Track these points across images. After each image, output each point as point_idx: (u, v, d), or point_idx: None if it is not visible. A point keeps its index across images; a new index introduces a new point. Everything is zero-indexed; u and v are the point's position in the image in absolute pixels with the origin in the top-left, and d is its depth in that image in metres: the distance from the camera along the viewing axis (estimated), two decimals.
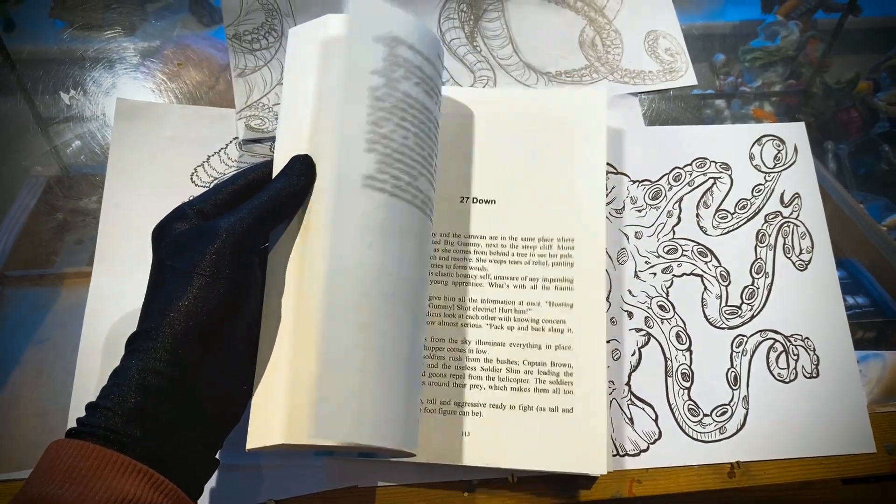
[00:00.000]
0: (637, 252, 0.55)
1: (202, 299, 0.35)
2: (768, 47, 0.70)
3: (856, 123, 0.66)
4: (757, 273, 0.55)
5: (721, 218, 0.56)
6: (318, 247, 0.39)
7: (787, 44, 0.70)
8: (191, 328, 0.35)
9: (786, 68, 0.67)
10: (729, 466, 0.49)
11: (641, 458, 0.48)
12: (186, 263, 0.36)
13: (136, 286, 0.49)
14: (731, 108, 0.66)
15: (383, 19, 0.41)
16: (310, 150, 0.41)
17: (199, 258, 0.36)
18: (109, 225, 0.53)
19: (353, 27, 0.40)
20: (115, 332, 0.49)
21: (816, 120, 0.66)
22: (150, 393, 0.33)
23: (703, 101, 0.65)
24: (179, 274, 0.36)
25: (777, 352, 0.52)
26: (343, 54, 0.40)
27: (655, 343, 0.52)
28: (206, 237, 0.36)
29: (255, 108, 0.58)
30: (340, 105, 0.39)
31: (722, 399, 0.50)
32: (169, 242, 0.38)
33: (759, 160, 0.59)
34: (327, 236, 0.38)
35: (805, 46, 0.71)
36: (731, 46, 0.68)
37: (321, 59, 0.43)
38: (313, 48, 0.44)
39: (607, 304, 0.52)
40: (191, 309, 0.35)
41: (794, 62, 0.68)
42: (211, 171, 0.56)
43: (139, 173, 0.55)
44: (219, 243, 0.36)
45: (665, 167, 0.58)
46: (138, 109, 0.57)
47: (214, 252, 0.36)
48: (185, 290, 0.35)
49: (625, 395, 0.51)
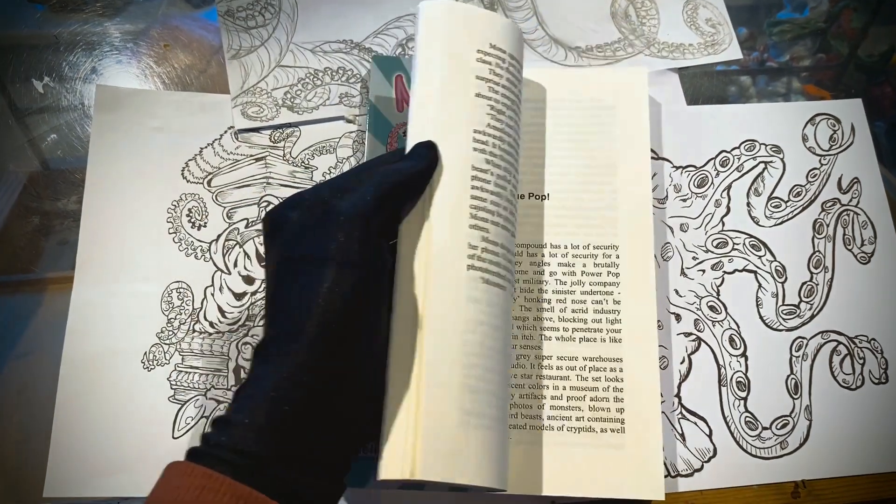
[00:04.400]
0: (683, 247, 0.51)
1: (340, 291, 0.32)
2: (796, 19, 0.66)
3: (889, 99, 0.62)
4: (815, 268, 0.51)
5: (774, 207, 0.52)
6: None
7: (816, 15, 0.65)
8: (332, 326, 0.31)
9: (815, 41, 0.63)
10: (793, 486, 0.46)
11: (695, 478, 0.45)
12: (317, 250, 0.32)
13: (122, 296, 0.47)
14: (756, 84, 0.62)
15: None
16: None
17: (330, 244, 0.32)
18: (91, 228, 0.49)
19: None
20: (100, 347, 0.46)
21: (848, 96, 0.61)
22: (287, 407, 0.30)
23: (728, 77, 0.60)
24: (310, 264, 0.32)
25: (841, 355, 0.49)
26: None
27: (707, 349, 0.48)
28: (331, 220, 0.33)
29: (251, 93, 0.53)
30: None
31: (782, 410, 0.47)
32: (290, 231, 0.34)
33: (812, 142, 0.54)
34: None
35: (838, 17, 0.67)
36: (755, 19, 0.63)
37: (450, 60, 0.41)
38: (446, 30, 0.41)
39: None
40: (330, 303, 0.31)
41: (826, 34, 0.63)
42: (204, 165, 0.51)
43: (124, 169, 0.51)
44: (349, 226, 0.33)
45: (711, 151, 0.54)
46: (121, 97, 0.53)
47: (346, 235, 0.33)
48: (320, 282, 0.32)
49: (675, 409, 0.47)
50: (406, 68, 0.51)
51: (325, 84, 0.53)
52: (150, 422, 0.44)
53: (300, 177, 0.51)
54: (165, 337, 0.46)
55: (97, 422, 0.44)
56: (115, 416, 0.44)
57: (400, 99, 0.50)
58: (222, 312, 0.47)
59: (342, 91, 0.53)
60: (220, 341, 0.47)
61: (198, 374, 0.46)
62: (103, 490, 0.43)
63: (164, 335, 0.46)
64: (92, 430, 0.44)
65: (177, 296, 0.48)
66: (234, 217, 0.50)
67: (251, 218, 0.50)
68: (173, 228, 0.49)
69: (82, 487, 0.43)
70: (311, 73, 0.54)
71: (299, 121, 0.52)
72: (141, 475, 0.43)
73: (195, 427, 0.45)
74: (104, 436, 0.44)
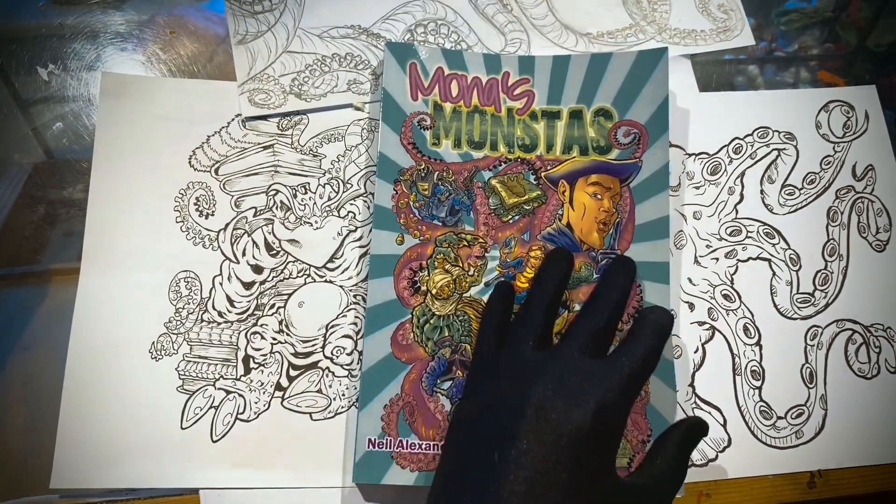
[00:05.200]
0: (696, 235, 0.50)
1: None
2: (805, 8, 0.65)
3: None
4: (830, 255, 0.50)
5: (788, 194, 0.52)
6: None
7: (825, 4, 0.64)
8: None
9: (823, 31, 0.62)
10: (808, 476, 0.45)
11: (710, 468, 0.45)
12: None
13: (128, 287, 0.46)
14: (764, 74, 0.60)
15: None
16: None
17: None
18: (98, 218, 0.48)
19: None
20: (107, 338, 0.45)
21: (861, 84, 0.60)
22: None
23: (736, 66, 0.59)
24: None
25: (856, 344, 0.48)
26: None
27: (721, 337, 0.48)
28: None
29: (258, 79, 0.52)
30: None
31: (797, 399, 0.47)
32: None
33: (826, 129, 0.54)
34: None
35: (847, 6, 0.66)
36: (764, 8, 0.62)
37: None
38: None
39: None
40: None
41: (835, 24, 0.63)
42: (212, 154, 0.50)
43: (130, 157, 0.50)
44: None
45: (723, 138, 0.53)
46: (127, 85, 0.52)
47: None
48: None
49: (688, 398, 0.46)
50: (420, 56, 0.50)
51: (332, 71, 0.52)
52: (158, 412, 0.44)
53: (308, 165, 0.50)
54: (173, 327, 0.46)
55: (104, 413, 0.44)
56: (122, 406, 0.44)
57: (415, 87, 0.49)
58: (231, 302, 0.47)
59: (350, 78, 0.52)
60: (228, 331, 0.46)
61: (206, 363, 0.45)
62: (110, 481, 0.43)
63: (171, 325, 0.46)
64: (99, 421, 0.43)
65: (185, 285, 0.47)
66: (242, 206, 0.49)
67: (259, 206, 0.49)
68: (181, 217, 0.48)
69: (89, 478, 0.42)
70: (319, 60, 0.53)
71: (307, 108, 0.51)
72: (148, 466, 0.43)
73: (203, 417, 0.44)
74: (111, 427, 0.43)
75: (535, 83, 0.50)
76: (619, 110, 0.49)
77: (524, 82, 0.50)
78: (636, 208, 0.47)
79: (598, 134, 0.49)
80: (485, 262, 0.46)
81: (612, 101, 0.49)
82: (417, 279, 0.45)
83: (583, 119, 0.49)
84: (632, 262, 0.42)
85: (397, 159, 0.48)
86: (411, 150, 0.48)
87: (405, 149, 0.48)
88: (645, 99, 0.48)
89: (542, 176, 0.48)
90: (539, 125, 0.49)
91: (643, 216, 0.46)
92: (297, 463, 0.44)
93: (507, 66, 0.50)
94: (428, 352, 0.44)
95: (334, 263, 0.48)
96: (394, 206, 0.47)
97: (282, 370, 0.45)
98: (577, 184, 0.48)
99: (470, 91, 0.50)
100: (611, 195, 0.47)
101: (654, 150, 0.47)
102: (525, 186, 0.48)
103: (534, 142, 0.49)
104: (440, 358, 0.44)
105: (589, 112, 0.49)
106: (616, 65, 0.49)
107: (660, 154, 0.47)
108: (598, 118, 0.49)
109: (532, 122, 0.49)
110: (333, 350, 0.46)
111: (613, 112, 0.49)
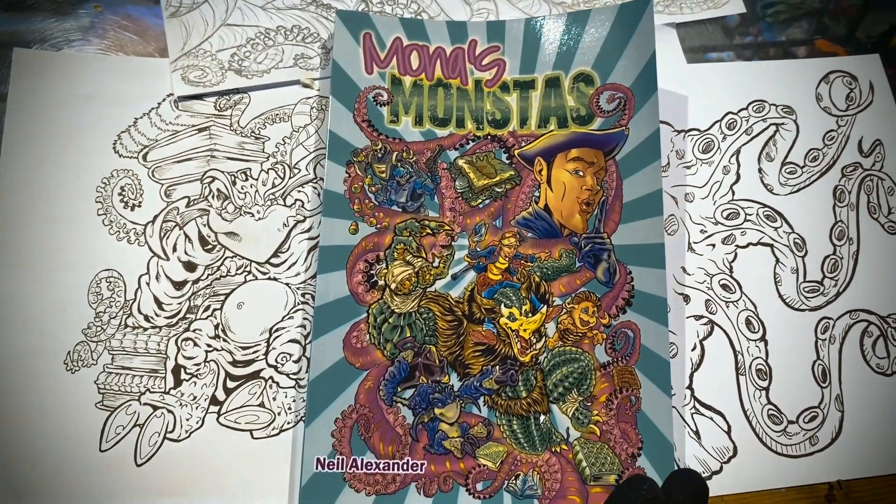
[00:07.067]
0: (689, 219, 0.48)
1: None
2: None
3: (890, 81, 0.60)
4: (839, 239, 0.48)
5: (789, 173, 0.50)
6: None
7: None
8: None
9: (811, 22, 0.61)
10: (826, 487, 0.42)
11: (714, 481, 0.42)
12: None
13: (41, 287, 0.43)
14: (758, 41, 0.59)
15: None
16: None
17: None
18: (7, 209, 0.45)
19: None
20: (15, 346, 0.42)
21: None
22: None
23: (727, 36, 0.57)
24: None
25: (872, 336, 0.46)
26: None
27: (721, 333, 0.45)
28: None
29: (193, 55, 0.50)
30: None
31: (810, 400, 0.44)
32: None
33: (827, 101, 0.52)
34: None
35: None
36: None
37: None
38: None
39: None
40: None
41: (823, 15, 0.61)
42: (139, 138, 0.48)
43: (46, 142, 0.47)
44: None
45: (716, 113, 0.51)
46: (44, 62, 0.49)
47: None
48: None
49: (686, 402, 0.43)
50: (375, 25, 0.47)
51: (277, 45, 0.50)
52: (73, 432, 0.41)
53: (250, 148, 0.48)
54: (93, 333, 0.43)
55: (11, 435, 0.40)
56: (32, 427, 0.41)
57: (369, 59, 0.47)
58: (159, 304, 0.44)
59: (297, 52, 0.50)
60: (156, 337, 0.43)
61: (130, 375, 0.42)
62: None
63: (91, 332, 0.43)
64: (5, 445, 0.40)
65: (106, 286, 0.44)
66: (173, 195, 0.46)
67: (193, 196, 0.46)
68: (103, 209, 0.46)
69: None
70: (262, 33, 0.50)
71: (249, 86, 0.49)
72: (60, 495, 0.39)
73: (126, 437, 0.40)
74: (19, 451, 0.40)
75: (506, 50, 0.48)
76: (601, 73, 0.46)
77: (493, 50, 0.48)
78: (624, 184, 0.44)
79: (577, 102, 0.46)
80: (451, 252, 0.43)
81: (593, 64, 0.47)
82: (374, 273, 0.43)
83: (560, 87, 0.47)
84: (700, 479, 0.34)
85: (350, 139, 0.45)
86: (366, 129, 0.46)
87: (359, 127, 0.46)
88: (629, 57, 0.46)
89: (516, 154, 0.46)
90: (511, 97, 0.47)
91: (632, 192, 0.43)
92: (236, 489, 0.40)
93: (475, 33, 0.48)
94: (386, 355, 0.41)
95: (279, 258, 0.46)
96: (346, 190, 0.44)
97: (218, 382, 0.43)
98: (556, 160, 0.45)
99: (432, 62, 0.48)
100: (594, 171, 0.44)
101: (641, 116, 0.44)
102: (496, 166, 0.45)
103: (505, 116, 0.47)
104: (401, 362, 0.41)
105: (567, 78, 0.47)
106: (595, 21, 0.47)
107: (649, 120, 0.44)
108: (577, 84, 0.47)
109: (503, 94, 0.47)
110: (278, 357, 0.43)
111: (594, 76, 0.46)
